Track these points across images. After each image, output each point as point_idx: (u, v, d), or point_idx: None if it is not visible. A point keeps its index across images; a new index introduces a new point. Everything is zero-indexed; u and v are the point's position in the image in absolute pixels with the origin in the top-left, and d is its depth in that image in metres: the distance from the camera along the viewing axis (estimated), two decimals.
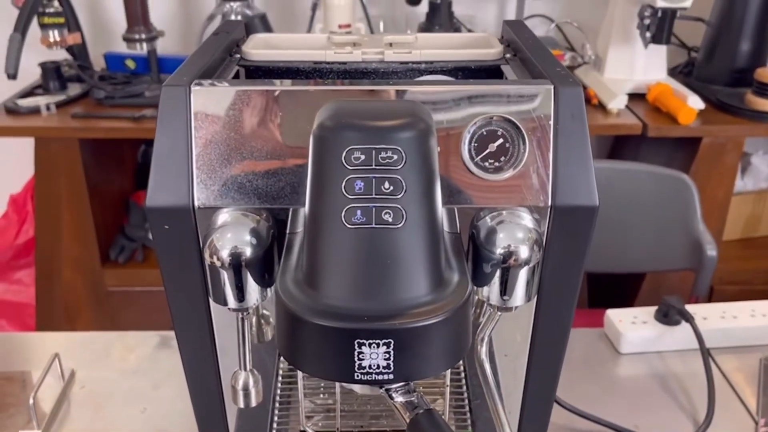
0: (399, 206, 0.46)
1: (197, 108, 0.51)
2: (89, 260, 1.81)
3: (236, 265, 0.51)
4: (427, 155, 0.47)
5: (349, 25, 1.73)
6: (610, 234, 1.52)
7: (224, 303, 0.53)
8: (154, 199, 0.52)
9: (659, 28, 1.62)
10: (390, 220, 0.45)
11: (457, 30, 1.83)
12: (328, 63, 0.63)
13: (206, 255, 0.51)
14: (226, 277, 0.51)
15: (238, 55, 0.65)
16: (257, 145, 0.52)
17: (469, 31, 1.91)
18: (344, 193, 0.46)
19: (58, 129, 1.65)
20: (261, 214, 0.52)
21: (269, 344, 0.68)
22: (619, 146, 1.98)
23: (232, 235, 0.51)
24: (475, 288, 0.54)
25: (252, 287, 0.52)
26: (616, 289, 1.85)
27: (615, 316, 0.99)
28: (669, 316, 0.96)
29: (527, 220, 0.53)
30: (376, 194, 0.46)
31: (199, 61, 0.56)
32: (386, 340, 0.44)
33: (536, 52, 0.60)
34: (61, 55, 1.87)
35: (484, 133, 0.52)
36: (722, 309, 1.00)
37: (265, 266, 0.52)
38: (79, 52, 1.87)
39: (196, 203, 0.52)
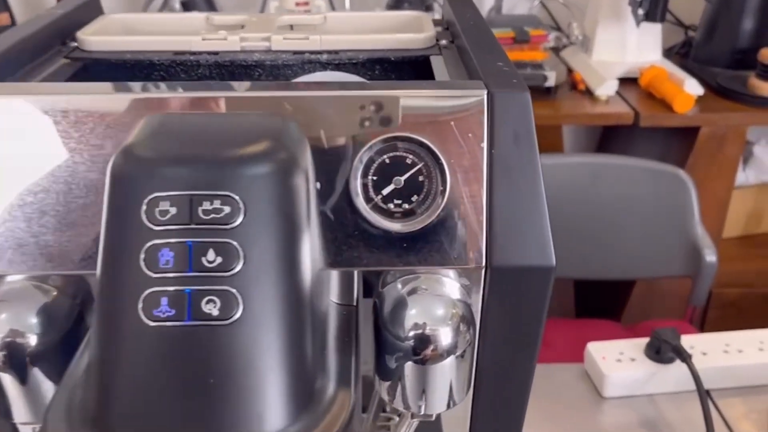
0: (231, 289, 0.29)
1: None
2: None
3: (17, 360, 0.34)
4: (284, 202, 0.30)
5: (307, 3, 1.55)
6: (597, 237, 1.36)
7: (7, 416, 0.36)
8: None
9: (653, 3, 1.44)
10: (215, 312, 0.29)
11: (428, 8, 1.64)
12: (193, 53, 0.46)
13: None
14: (3, 378, 0.35)
15: (75, 44, 0.47)
16: (49, 182, 0.35)
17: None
18: (144, 268, 0.29)
19: None
20: (58, 283, 0.35)
21: None
22: (607, 137, 1.81)
23: (10, 316, 0.34)
24: (380, 382, 0.38)
25: (48, 390, 0.36)
26: (604, 297, 1.69)
27: (597, 351, 0.83)
28: (662, 352, 0.80)
29: (451, 287, 0.36)
30: (194, 271, 0.29)
31: None
32: None
33: (475, 38, 0.43)
34: None
35: (386, 161, 0.35)
36: (725, 341, 0.84)
37: (64, 360, 0.35)
38: None
39: None
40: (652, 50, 1.60)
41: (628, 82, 1.56)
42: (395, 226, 0.35)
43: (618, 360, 0.81)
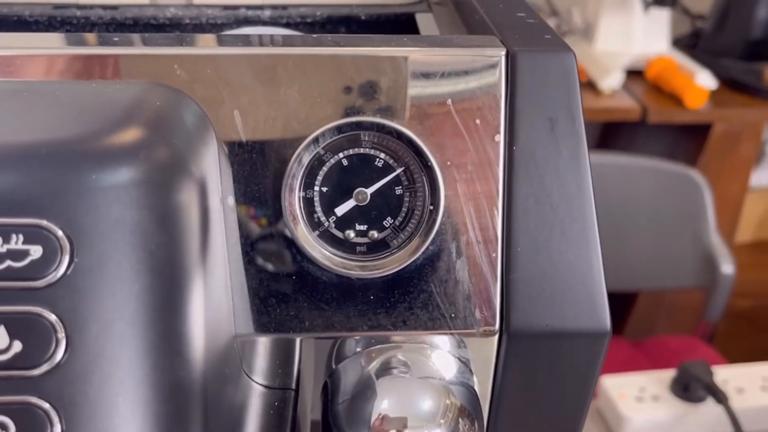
0: (40, 402, 0.16)
1: None
2: None
3: None
4: (155, 236, 0.17)
5: None
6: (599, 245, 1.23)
7: None
8: None
9: None
10: None
11: None
12: (81, 7, 0.33)
13: None
14: None
15: None
16: None
17: None
18: None
19: None
20: None
21: None
22: (610, 134, 1.69)
23: None
24: None
25: None
26: None
27: (614, 387, 0.70)
28: (691, 390, 0.68)
29: (446, 363, 0.23)
30: None
31: None
32: None
33: None
34: None
35: (343, 163, 0.22)
36: (762, 375, 0.72)
37: None
38: None
39: None
40: (659, 40, 1.49)
41: (633, 74, 1.44)
42: (357, 266, 0.22)
43: (638, 398, 0.69)
